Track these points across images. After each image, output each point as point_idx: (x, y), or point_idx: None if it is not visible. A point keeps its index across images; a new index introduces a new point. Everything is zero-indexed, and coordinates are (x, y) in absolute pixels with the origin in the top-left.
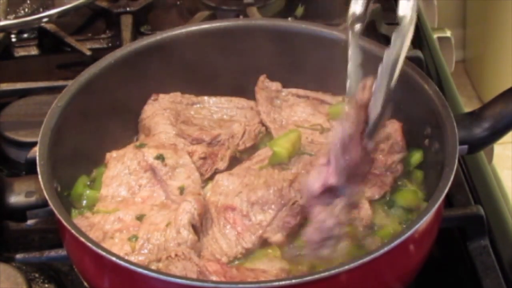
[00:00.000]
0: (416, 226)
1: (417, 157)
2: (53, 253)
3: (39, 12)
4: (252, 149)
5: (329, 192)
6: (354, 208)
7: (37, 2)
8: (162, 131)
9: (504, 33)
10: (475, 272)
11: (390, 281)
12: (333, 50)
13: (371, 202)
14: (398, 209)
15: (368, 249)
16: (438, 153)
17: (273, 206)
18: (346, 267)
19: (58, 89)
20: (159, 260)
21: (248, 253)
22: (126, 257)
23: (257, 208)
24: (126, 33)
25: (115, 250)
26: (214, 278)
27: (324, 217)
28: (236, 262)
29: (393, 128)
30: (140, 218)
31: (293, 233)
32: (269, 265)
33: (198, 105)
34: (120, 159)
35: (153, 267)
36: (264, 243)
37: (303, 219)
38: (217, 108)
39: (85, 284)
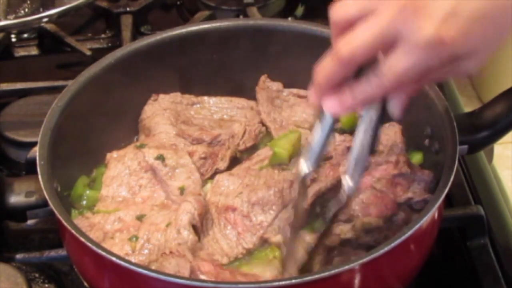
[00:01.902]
0: (416, 226)
1: (417, 158)
2: (53, 253)
3: (39, 12)
4: (252, 149)
5: None
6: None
7: (37, 2)
8: (162, 131)
9: None
10: (475, 272)
11: (390, 281)
12: None
13: None
14: None
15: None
16: (438, 153)
17: (274, 207)
18: (346, 267)
19: (58, 89)
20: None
21: (248, 254)
22: (126, 257)
23: (257, 209)
24: (126, 33)
25: (115, 250)
26: (204, 278)
27: None
28: (237, 263)
29: (392, 130)
30: (140, 218)
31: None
32: (265, 270)
33: (198, 105)
34: (121, 159)
35: (153, 267)
36: (265, 243)
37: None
38: (217, 108)
39: (85, 284)
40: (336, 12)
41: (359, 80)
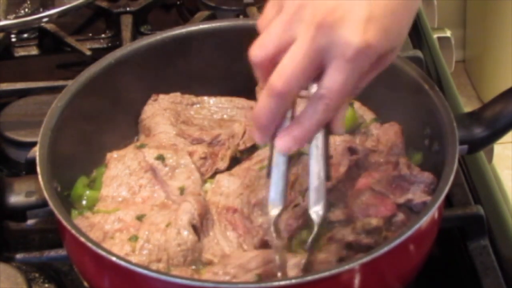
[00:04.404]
0: (416, 226)
1: (417, 158)
2: (53, 253)
3: (39, 12)
4: (252, 149)
5: None
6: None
7: (37, 2)
8: (162, 131)
9: (504, 33)
10: (475, 272)
11: (390, 281)
12: None
13: None
14: None
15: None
16: (438, 153)
17: None
18: (346, 267)
19: (58, 89)
20: (159, 261)
21: None
22: (127, 257)
23: (258, 211)
24: (126, 33)
25: (115, 250)
26: None
27: None
28: None
29: (392, 131)
30: (140, 218)
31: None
32: None
33: (198, 105)
34: (121, 159)
35: (153, 267)
36: (265, 245)
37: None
38: (217, 108)
39: (85, 284)
40: (256, 55)
41: (302, 112)
